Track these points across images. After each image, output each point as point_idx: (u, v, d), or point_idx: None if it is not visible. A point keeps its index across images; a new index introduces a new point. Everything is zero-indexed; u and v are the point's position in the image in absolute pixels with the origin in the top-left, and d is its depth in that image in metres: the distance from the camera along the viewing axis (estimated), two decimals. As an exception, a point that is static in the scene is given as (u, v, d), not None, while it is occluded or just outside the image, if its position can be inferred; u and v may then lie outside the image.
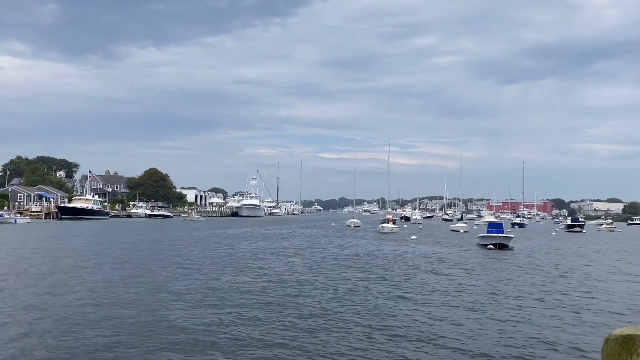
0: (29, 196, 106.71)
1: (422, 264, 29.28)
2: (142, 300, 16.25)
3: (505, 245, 41.90)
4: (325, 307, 15.76)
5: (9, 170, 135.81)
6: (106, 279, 20.55)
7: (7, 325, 12.83)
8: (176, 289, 18.36)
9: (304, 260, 29.49)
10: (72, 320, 13.34)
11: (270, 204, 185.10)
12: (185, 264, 26.41)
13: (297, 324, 13.44)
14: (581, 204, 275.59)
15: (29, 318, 13.65)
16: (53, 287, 18.57)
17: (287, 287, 19.47)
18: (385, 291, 19.11)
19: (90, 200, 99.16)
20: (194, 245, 39.32)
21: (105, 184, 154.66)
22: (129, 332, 12.30)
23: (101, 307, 15.06)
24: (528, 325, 14.08)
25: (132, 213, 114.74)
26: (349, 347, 11.49)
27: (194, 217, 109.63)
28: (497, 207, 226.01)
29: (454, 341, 12.23)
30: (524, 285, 21.47)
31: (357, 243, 45.49)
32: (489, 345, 11.95)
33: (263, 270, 24.31)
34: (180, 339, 11.88)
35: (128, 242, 40.91)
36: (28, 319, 13.59)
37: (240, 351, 11.06)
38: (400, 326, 13.54)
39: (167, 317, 13.92)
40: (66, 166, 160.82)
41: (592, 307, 17.12)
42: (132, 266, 24.88)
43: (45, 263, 25.86)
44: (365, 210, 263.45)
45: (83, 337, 11.80)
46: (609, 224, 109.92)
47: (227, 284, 19.96)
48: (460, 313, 15.43)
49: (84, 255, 29.72)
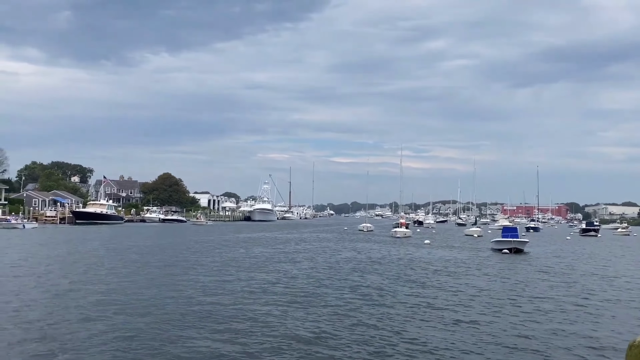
0: (44, 201, 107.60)
1: (437, 268, 29.18)
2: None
3: (520, 249, 41.60)
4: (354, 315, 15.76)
5: (24, 176, 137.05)
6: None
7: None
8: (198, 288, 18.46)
9: (318, 266, 29.49)
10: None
11: (282, 209, 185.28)
12: (212, 266, 26.52)
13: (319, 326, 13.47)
14: (596, 207, 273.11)
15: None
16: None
17: (305, 290, 19.50)
18: (403, 296, 19.07)
19: (105, 205, 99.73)
20: (212, 250, 39.46)
21: (119, 189, 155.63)
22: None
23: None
24: (548, 331, 13.96)
25: (146, 218, 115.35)
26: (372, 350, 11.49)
27: (202, 221, 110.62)
28: (512, 211, 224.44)
29: (473, 346, 12.18)
30: (542, 290, 21.31)
31: (370, 247, 45.40)
32: (509, 351, 11.88)
33: (278, 274, 24.34)
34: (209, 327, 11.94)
35: (153, 245, 41.18)
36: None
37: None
38: (416, 330, 13.51)
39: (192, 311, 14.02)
40: (80, 171, 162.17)
41: (613, 313, 16.94)
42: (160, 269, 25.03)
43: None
44: (378, 214, 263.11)
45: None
46: (624, 228, 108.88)
47: (241, 289, 20.01)
48: (480, 317, 15.35)
49: (115, 267, 29.87)
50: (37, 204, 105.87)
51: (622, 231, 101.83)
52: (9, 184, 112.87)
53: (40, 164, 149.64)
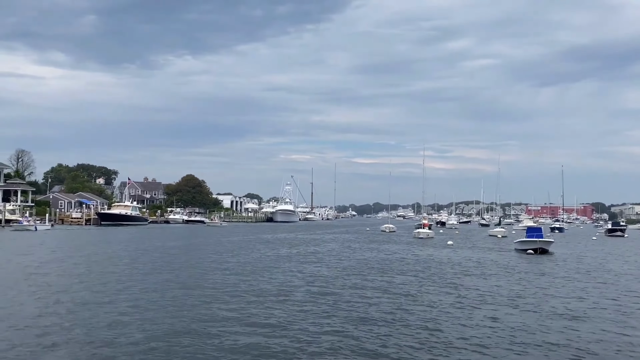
0: (70, 203, 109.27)
1: (461, 269, 28.98)
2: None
3: (546, 250, 41.07)
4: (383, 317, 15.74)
5: (51, 178, 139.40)
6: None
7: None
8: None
9: (343, 265, 29.49)
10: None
11: (304, 210, 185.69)
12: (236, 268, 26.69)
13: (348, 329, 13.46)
14: (622, 207, 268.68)
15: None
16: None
17: (331, 290, 19.51)
18: (429, 296, 18.97)
19: (129, 206, 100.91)
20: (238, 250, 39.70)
21: (143, 191, 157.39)
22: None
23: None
24: (578, 330, 13.77)
25: (170, 219, 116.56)
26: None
27: (217, 222, 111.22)
28: (536, 212, 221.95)
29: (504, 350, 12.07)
30: (572, 290, 21.02)
31: (393, 249, 45.26)
32: (541, 350, 11.75)
33: (303, 274, 24.39)
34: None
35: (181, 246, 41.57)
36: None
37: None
38: (447, 328, 13.44)
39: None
40: (105, 173, 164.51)
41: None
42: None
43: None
44: (400, 215, 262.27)
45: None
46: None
47: (273, 289, 20.09)
48: (511, 318, 15.20)
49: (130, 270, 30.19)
50: (63, 205, 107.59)
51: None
52: (36, 186, 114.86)
53: (66, 166, 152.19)
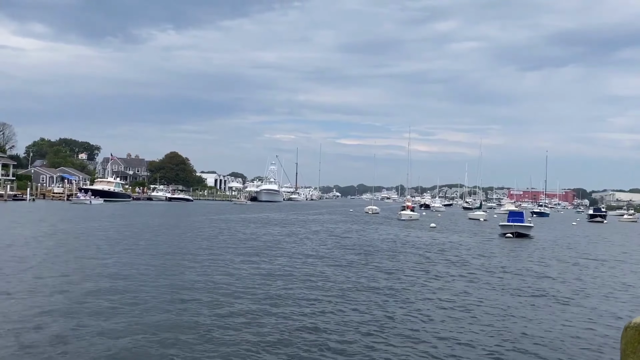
0: (52, 178, 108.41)
1: (440, 250, 29.30)
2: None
3: (525, 234, 41.61)
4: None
5: (32, 152, 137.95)
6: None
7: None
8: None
9: (321, 249, 29.65)
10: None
11: (289, 190, 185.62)
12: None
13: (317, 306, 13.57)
14: (603, 194, 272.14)
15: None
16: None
17: (299, 276, 19.63)
18: (400, 280, 19.17)
19: (112, 182, 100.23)
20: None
21: (126, 167, 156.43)
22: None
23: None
24: (548, 314, 14.02)
25: (153, 196, 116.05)
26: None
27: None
28: (518, 196, 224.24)
29: (460, 336, 12.25)
30: (545, 276, 21.35)
31: (375, 230, 45.54)
32: (508, 340, 11.94)
33: (282, 259, 24.52)
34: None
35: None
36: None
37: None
38: (395, 311, 13.60)
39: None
40: (88, 149, 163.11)
41: (612, 296, 16.99)
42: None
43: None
44: (384, 197, 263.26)
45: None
46: (631, 215, 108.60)
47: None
48: (474, 304, 15.42)
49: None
50: (44, 180, 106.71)
51: (628, 218, 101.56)
52: (17, 160, 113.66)
53: (48, 140, 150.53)
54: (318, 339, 10.82)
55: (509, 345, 11.00)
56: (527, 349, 10.75)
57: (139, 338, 10.34)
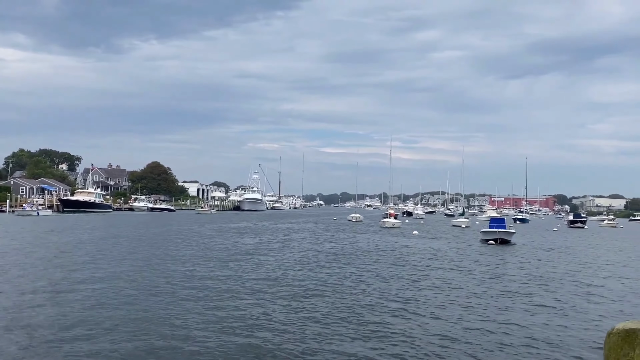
0: (31, 189, 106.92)
1: (421, 257, 29.34)
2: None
3: (507, 240, 41.86)
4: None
5: (12, 163, 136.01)
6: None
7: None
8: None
9: (298, 257, 29.54)
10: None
11: (272, 198, 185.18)
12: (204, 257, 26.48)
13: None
14: (583, 200, 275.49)
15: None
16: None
17: (282, 279, 19.55)
18: (382, 286, 19.15)
19: (93, 193, 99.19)
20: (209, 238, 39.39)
21: (107, 177, 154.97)
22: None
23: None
24: (530, 321, 14.07)
25: (135, 206, 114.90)
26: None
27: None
28: (499, 203, 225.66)
29: (443, 340, 12.25)
30: (525, 282, 21.45)
31: (358, 238, 45.53)
32: (491, 343, 11.96)
33: (265, 266, 24.37)
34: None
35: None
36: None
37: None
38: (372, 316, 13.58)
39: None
40: (68, 159, 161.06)
41: (594, 302, 17.11)
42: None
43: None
44: (367, 205, 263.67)
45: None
46: (610, 220, 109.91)
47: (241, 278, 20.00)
48: (456, 311, 15.44)
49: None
50: (24, 191, 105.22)
51: (608, 223, 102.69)
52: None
53: (28, 151, 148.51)
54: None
55: (487, 352, 11.01)
56: (508, 355, 10.76)
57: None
